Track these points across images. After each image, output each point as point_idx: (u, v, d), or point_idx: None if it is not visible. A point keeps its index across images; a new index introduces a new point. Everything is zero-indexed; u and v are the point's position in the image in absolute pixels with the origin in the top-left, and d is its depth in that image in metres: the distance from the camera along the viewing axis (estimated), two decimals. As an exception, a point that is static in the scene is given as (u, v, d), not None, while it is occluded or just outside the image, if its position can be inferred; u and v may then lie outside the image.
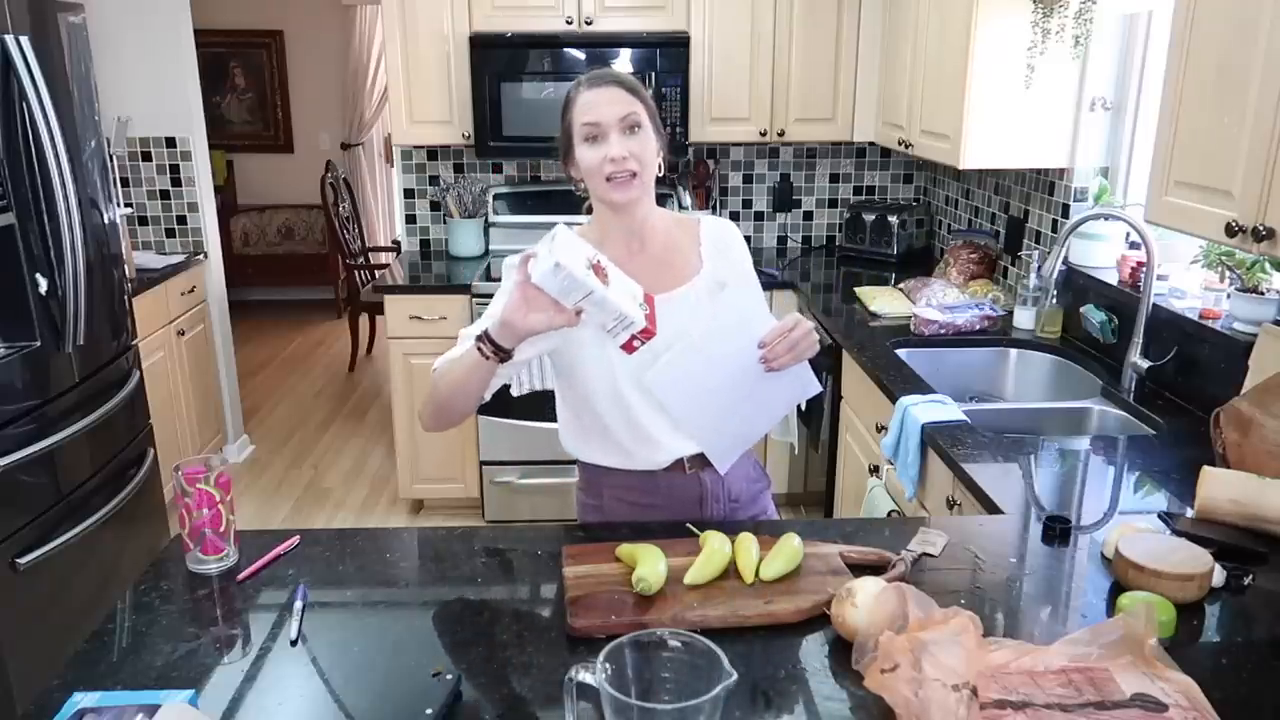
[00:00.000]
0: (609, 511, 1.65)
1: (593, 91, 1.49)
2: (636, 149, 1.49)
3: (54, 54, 2.61)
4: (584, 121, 1.49)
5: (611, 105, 1.47)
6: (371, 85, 6.99)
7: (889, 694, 1.05)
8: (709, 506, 1.65)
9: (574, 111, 1.51)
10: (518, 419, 3.53)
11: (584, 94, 1.50)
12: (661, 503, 1.62)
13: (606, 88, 1.49)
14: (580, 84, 1.52)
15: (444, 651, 1.26)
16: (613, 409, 1.57)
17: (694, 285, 1.58)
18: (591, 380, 1.56)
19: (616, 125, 1.47)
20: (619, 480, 1.64)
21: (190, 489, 1.39)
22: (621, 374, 1.54)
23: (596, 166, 1.49)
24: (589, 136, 1.49)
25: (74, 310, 2.59)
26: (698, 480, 1.63)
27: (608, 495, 1.65)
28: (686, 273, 1.59)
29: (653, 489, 1.62)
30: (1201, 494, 1.58)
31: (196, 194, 4.09)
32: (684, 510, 1.63)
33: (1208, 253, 2.30)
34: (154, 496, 3.10)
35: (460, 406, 1.53)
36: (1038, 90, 2.69)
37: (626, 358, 1.47)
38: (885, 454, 2.28)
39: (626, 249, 1.57)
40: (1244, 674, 1.20)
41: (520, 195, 4.02)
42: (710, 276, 1.59)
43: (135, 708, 1.08)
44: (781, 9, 3.58)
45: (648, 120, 1.51)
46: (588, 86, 1.50)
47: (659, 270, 1.57)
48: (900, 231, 3.79)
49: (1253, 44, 1.55)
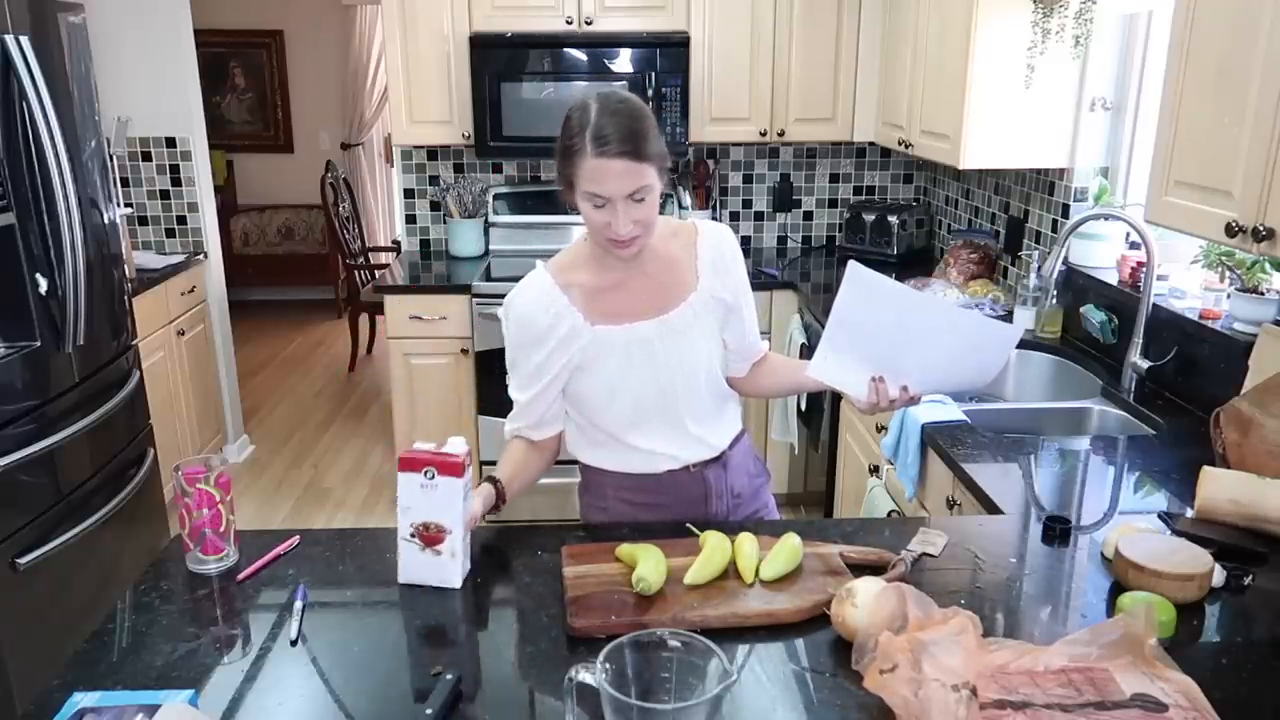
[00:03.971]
0: (614, 512, 1.65)
1: (600, 161, 1.37)
2: (641, 215, 1.42)
3: (54, 54, 2.60)
4: (587, 190, 1.40)
5: (619, 180, 1.38)
6: (371, 85, 6.99)
7: (889, 694, 1.05)
8: (712, 504, 1.66)
9: (578, 169, 1.40)
10: (518, 419, 3.52)
11: (590, 160, 1.38)
12: (666, 502, 1.63)
13: (615, 160, 1.37)
14: (586, 139, 1.38)
15: (444, 651, 1.26)
16: (622, 428, 1.60)
17: (690, 304, 1.57)
18: (602, 408, 1.58)
19: (622, 198, 1.40)
20: (623, 481, 1.64)
21: (190, 489, 1.39)
22: (633, 401, 1.56)
23: (599, 228, 1.44)
24: (595, 204, 1.41)
25: (74, 310, 2.59)
26: (701, 479, 1.64)
27: (612, 496, 1.66)
28: (682, 292, 1.57)
29: (657, 489, 1.63)
30: (1201, 494, 1.58)
31: (196, 194, 4.09)
32: (688, 509, 1.64)
33: (1208, 253, 2.30)
34: (154, 496, 3.10)
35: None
36: (1038, 90, 2.69)
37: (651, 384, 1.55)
38: (885, 454, 2.28)
39: (624, 272, 1.55)
40: (1244, 674, 1.20)
41: (520, 195, 4.02)
42: (707, 292, 1.58)
43: (135, 708, 1.08)
44: (781, 9, 3.58)
45: (656, 181, 1.42)
46: (595, 151, 1.37)
47: (654, 293, 1.56)
48: (900, 231, 3.78)
49: (1253, 44, 1.55)
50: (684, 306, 1.56)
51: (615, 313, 1.53)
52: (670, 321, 1.55)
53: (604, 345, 1.53)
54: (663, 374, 1.56)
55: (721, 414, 1.67)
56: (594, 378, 1.55)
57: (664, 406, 1.58)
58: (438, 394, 3.60)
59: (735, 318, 1.64)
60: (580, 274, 1.54)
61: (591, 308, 1.52)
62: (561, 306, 1.51)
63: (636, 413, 1.57)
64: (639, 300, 1.54)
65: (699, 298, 1.57)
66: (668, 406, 1.58)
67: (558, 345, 1.52)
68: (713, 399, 1.64)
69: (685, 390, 1.58)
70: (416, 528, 1.36)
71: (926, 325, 1.48)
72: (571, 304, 1.51)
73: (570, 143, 1.41)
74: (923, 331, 1.48)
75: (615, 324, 1.53)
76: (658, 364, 1.55)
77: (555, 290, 1.51)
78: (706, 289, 1.58)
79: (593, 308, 1.52)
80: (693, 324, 1.57)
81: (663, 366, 1.55)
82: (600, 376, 1.55)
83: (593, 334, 1.52)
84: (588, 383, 1.56)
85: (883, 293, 1.47)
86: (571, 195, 1.46)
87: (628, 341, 1.53)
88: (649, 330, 1.54)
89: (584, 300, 1.52)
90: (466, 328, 3.53)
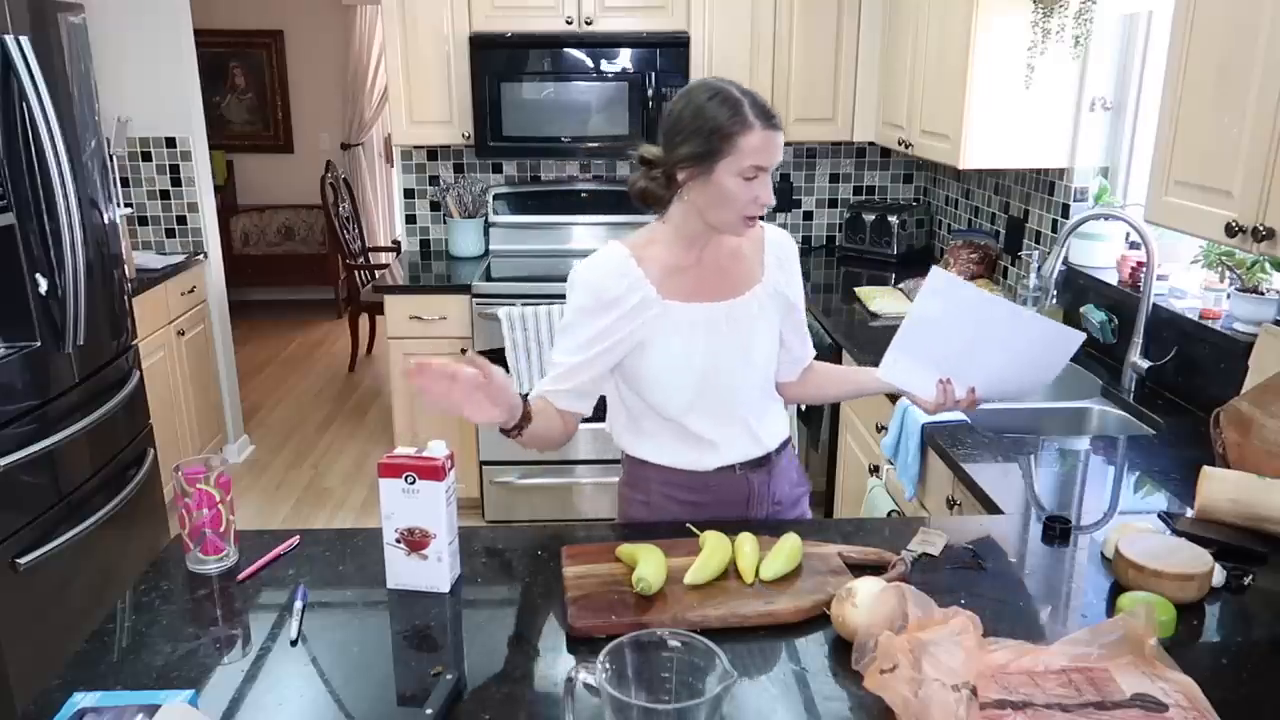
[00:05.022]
0: (656, 508, 1.66)
1: (768, 133, 1.44)
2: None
3: (54, 54, 2.60)
4: (752, 163, 1.44)
5: (778, 152, 1.47)
6: (371, 85, 6.99)
7: (889, 694, 1.05)
8: (753, 508, 1.68)
9: (740, 143, 1.43)
10: (518, 419, 3.52)
11: (758, 132, 1.43)
12: (709, 501, 1.65)
13: (778, 133, 1.46)
14: (749, 113, 1.44)
15: (444, 652, 1.26)
16: (678, 411, 1.61)
17: (755, 293, 1.61)
18: (660, 388, 1.59)
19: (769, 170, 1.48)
20: (669, 477, 1.66)
21: (190, 489, 1.39)
22: (692, 382, 1.57)
23: (743, 203, 1.47)
24: (749, 175, 1.45)
25: (74, 310, 2.59)
26: (746, 482, 1.66)
27: (655, 491, 1.67)
28: (749, 282, 1.62)
29: (702, 487, 1.65)
30: (1201, 494, 1.58)
31: (196, 194, 4.09)
32: (730, 510, 1.66)
33: (1208, 253, 2.30)
34: (154, 496, 3.10)
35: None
36: (1038, 90, 2.69)
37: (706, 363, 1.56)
38: (885, 454, 2.28)
39: (695, 256, 1.58)
40: (1244, 674, 1.20)
41: (520, 195, 4.02)
42: (771, 285, 1.63)
43: (135, 708, 1.08)
44: (781, 9, 3.58)
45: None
46: (763, 125, 1.44)
47: (724, 278, 1.60)
48: (900, 231, 3.79)
49: (1253, 44, 1.55)
50: (750, 295, 1.61)
51: (686, 292, 1.56)
52: (736, 307, 1.59)
53: (671, 321, 1.55)
54: (723, 358, 1.58)
55: (771, 413, 1.70)
56: (656, 354, 1.57)
57: (720, 392, 1.60)
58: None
59: (795, 317, 1.69)
60: (656, 251, 1.57)
61: (664, 284, 1.55)
62: (636, 278, 1.54)
63: (694, 395, 1.59)
64: (709, 283, 1.58)
65: (764, 289, 1.62)
66: (723, 393, 1.60)
67: (626, 314, 1.53)
68: (763, 395, 1.68)
69: (742, 379, 1.61)
70: (401, 533, 1.36)
71: (998, 329, 1.55)
72: (646, 277, 1.54)
73: (731, 120, 1.44)
74: (994, 335, 1.55)
75: (685, 302, 1.56)
76: (720, 347, 1.58)
77: (631, 262, 1.54)
78: (771, 282, 1.63)
79: (665, 284, 1.55)
80: (757, 313, 1.61)
81: (724, 350, 1.58)
82: (663, 353, 1.57)
83: (663, 307, 1.54)
84: (649, 359, 1.58)
85: (962, 297, 1.55)
86: (706, 172, 1.46)
87: (694, 321, 1.56)
88: (716, 312, 1.57)
89: (658, 276, 1.55)
90: (466, 328, 3.53)
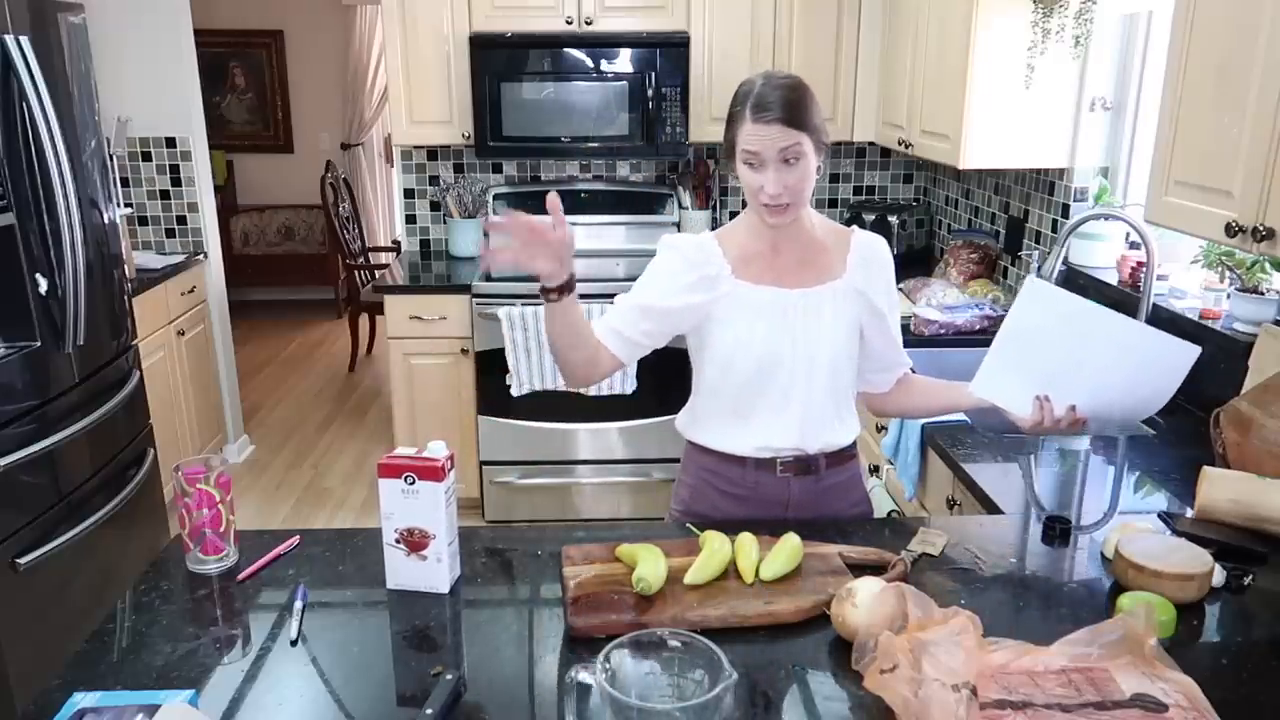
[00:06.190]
0: (695, 491, 1.71)
1: (756, 126, 1.48)
2: (793, 181, 1.50)
3: (54, 54, 2.60)
4: (745, 149, 1.50)
5: (773, 141, 1.47)
6: (371, 85, 6.99)
7: (889, 694, 1.05)
8: (792, 512, 1.68)
9: (738, 131, 1.51)
10: (518, 419, 3.53)
11: (747, 124, 1.49)
12: (746, 495, 1.66)
13: (770, 126, 1.47)
14: (750, 101, 1.49)
15: (444, 652, 1.26)
16: (736, 390, 1.63)
17: (832, 288, 1.62)
18: (722, 365, 1.62)
19: (776, 157, 1.48)
20: (711, 463, 1.68)
21: (190, 489, 1.39)
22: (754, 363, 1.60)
23: (753, 191, 1.53)
24: (748, 162, 1.51)
25: (74, 310, 2.59)
26: (786, 485, 1.66)
27: (695, 472, 1.71)
28: (826, 275, 1.63)
29: (740, 479, 1.66)
30: (1201, 494, 1.58)
31: (196, 194, 4.09)
32: (766, 509, 1.66)
33: (1208, 253, 2.30)
34: (154, 496, 3.10)
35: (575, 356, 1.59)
36: (1038, 90, 2.69)
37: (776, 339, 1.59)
38: (885, 454, 2.28)
39: (772, 247, 1.62)
40: (1244, 674, 1.20)
41: (520, 195, 4.02)
42: (849, 284, 1.63)
43: (135, 708, 1.08)
44: (781, 9, 3.58)
45: (809, 150, 1.50)
46: (753, 117, 1.48)
47: (798, 267, 1.62)
48: (900, 231, 3.78)
49: (1253, 44, 1.55)
50: (824, 288, 1.62)
51: (759, 275, 1.60)
52: (808, 296, 1.60)
53: (741, 300, 1.59)
54: (787, 345, 1.60)
55: (833, 420, 1.66)
56: (723, 330, 1.60)
57: (777, 377, 1.61)
58: (438, 394, 3.60)
59: (880, 321, 1.68)
60: (737, 236, 1.64)
61: (739, 266, 1.61)
62: (715, 255, 1.61)
63: (750, 375, 1.61)
64: (784, 269, 1.61)
65: (842, 286, 1.63)
66: (781, 378, 1.61)
67: (698, 281, 1.59)
68: (828, 395, 1.64)
69: (805, 371, 1.61)
70: (400, 533, 1.36)
71: (1102, 342, 1.48)
72: (724, 257, 1.61)
73: (733, 108, 1.53)
74: (1097, 348, 1.47)
75: (754, 284, 1.60)
76: (785, 333, 1.59)
77: (714, 243, 1.62)
78: (851, 281, 1.64)
79: (740, 266, 1.61)
80: (829, 307, 1.61)
81: (789, 337, 1.59)
82: (729, 330, 1.60)
83: (734, 285, 1.59)
84: (715, 335, 1.61)
85: (1062, 307, 1.49)
86: (733, 161, 1.55)
87: (763, 303, 1.59)
88: (786, 298, 1.60)
89: (735, 258, 1.61)
90: (466, 328, 3.53)
